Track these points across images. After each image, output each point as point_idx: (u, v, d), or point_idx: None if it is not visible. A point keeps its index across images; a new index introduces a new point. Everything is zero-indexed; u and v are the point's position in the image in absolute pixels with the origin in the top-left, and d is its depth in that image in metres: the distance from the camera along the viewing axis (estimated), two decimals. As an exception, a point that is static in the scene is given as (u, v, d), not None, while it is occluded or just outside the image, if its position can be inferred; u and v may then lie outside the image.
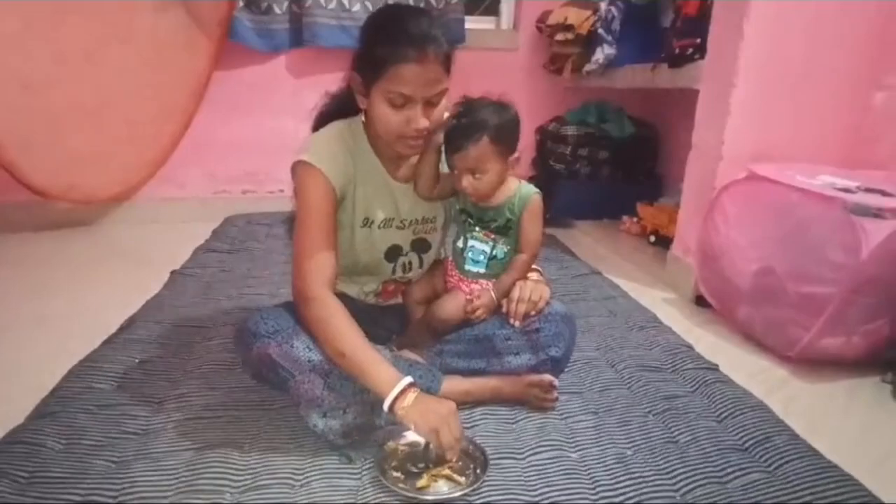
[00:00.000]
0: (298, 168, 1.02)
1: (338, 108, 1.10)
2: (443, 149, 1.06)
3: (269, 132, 2.50)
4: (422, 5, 2.44)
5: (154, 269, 1.82)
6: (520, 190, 1.12)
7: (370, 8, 2.38)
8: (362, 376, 0.91)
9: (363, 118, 1.08)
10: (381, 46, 0.93)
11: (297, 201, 1.02)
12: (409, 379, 0.91)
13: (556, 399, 1.09)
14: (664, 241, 2.09)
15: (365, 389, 0.93)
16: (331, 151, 1.03)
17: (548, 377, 1.08)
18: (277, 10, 2.34)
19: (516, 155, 1.08)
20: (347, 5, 2.36)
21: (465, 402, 1.08)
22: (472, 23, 2.53)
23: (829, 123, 1.63)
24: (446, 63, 0.97)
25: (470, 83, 1.06)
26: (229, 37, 2.31)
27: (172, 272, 1.79)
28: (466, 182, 1.05)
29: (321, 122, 1.11)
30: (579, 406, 1.11)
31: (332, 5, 2.32)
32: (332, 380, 0.94)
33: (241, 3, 2.29)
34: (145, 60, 2.23)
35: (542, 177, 2.58)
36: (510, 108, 1.06)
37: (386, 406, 0.88)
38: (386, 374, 0.90)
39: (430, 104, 0.97)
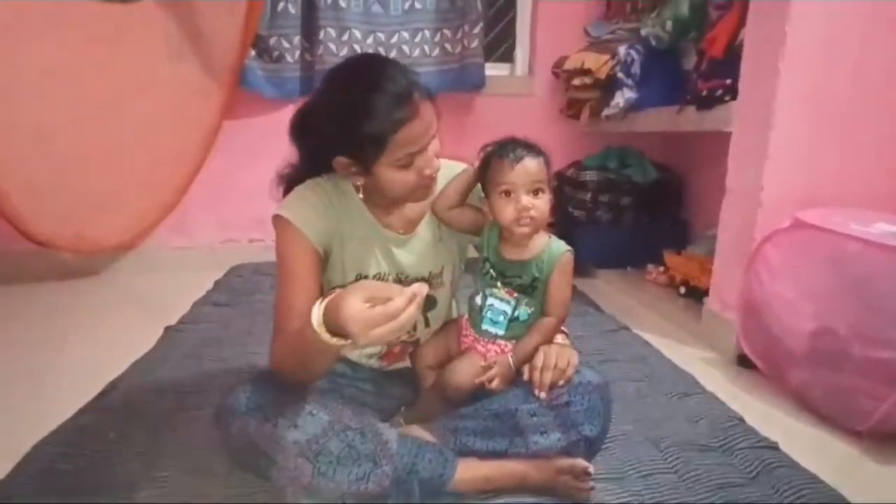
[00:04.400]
0: (276, 224, 0.94)
1: (305, 174, 1.01)
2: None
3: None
4: (437, 52, 2.42)
5: (156, 320, 1.71)
6: (550, 246, 1.00)
7: (383, 53, 2.35)
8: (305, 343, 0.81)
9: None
10: (373, 123, 0.85)
11: (277, 259, 0.94)
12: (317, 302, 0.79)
13: (593, 488, 0.92)
14: (695, 293, 1.94)
15: (361, 477, 0.80)
16: (309, 206, 0.95)
17: (581, 462, 0.91)
18: (289, 59, 2.32)
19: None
20: (359, 52, 2.34)
21: (485, 491, 0.92)
22: (488, 69, 2.49)
23: (879, 165, 1.50)
24: (431, 97, 0.90)
25: (486, 129, 1.00)
26: (241, 84, 2.29)
27: (167, 328, 1.67)
28: (526, 200, 0.94)
29: (289, 189, 1.01)
30: (620, 496, 0.94)
31: (344, 52, 2.30)
32: (322, 465, 0.80)
33: (253, 52, 2.27)
34: (159, 108, 2.20)
35: (562, 224, 2.46)
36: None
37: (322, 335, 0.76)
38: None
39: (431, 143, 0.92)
